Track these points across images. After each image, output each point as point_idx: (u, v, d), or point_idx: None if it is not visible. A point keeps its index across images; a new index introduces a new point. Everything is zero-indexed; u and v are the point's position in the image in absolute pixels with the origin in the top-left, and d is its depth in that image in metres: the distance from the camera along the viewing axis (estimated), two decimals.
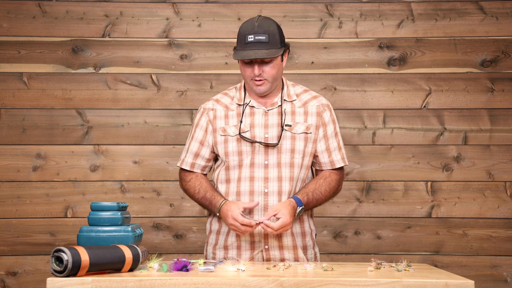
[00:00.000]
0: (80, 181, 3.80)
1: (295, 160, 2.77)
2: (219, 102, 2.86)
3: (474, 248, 3.78)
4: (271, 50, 2.67)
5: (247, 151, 2.77)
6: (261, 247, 2.76)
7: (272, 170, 2.75)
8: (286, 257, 2.76)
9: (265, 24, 2.71)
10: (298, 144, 2.77)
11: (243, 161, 2.77)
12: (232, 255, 2.77)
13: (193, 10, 3.86)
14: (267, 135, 2.77)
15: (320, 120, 2.82)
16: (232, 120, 2.81)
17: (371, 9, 3.85)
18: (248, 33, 2.70)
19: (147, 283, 2.14)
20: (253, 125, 2.78)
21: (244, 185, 2.76)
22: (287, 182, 2.76)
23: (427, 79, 3.83)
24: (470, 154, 3.80)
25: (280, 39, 2.72)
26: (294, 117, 2.80)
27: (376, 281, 2.16)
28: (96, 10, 3.84)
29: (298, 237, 2.80)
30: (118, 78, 3.83)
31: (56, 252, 2.16)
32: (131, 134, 3.82)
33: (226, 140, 2.79)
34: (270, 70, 2.71)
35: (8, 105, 3.81)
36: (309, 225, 2.85)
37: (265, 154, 2.76)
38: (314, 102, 2.84)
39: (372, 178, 3.81)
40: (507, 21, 3.82)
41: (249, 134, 2.77)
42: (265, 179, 2.75)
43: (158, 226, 3.80)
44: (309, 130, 2.79)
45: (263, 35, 2.68)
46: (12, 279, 3.76)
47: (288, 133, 2.77)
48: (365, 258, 3.71)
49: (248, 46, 2.68)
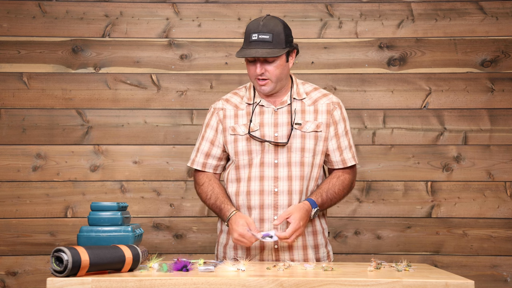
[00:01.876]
0: (80, 181, 3.80)
1: (305, 159, 2.76)
2: (228, 102, 2.86)
3: (474, 248, 3.78)
4: (273, 50, 2.66)
5: (257, 150, 2.76)
6: (271, 248, 2.75)
7: (282, 169, 2.75)
8: (295, 257, 2.75)
9: (271, 23, 2.70)
10: (308, 142, 2.77)
11: (253, 160, 2.76)
12: (242, 255, 2.76)
13: (193, 10, 3.86)
14: (276, 134, 2.76)
15: (330, 118, 2.81)
16: (241, 119, 2.81)
17: (371, 9, 3.85)
18: (253, 31, 2.69)
19: (147, 283, 2.14)
20: (263, 124, 2.77)
21: (254, 185, 2.75)
22: (297, 181, 2.75)
23: (427, 79, 3.83)
24: (470, 154, 3.80)
25: (285, 39, 2.70)
26: (304, 116, 2.79)
27: (376, 281, 2.16)
28: (96, 10, 3.84)
29: (309, 235, 2.79)
30: (118, 78, 3.83)
31: (56, 252, 2.16)
32: (131, 134, 3.82)
33: (236, 140, 2.79)
34: (273, 69, 2.70)
35: (8, 105, 3.81)
36: (320, 223, 2.84)
37: (275, 153, 2.76)
38: (324, 100, 2.83)
39: (372, 178, 3.81)
40: (507, 21, 3.83)
41: (258, 133, 2.76)
42: (275, 178, 2.75)
43: (158, 226, 3.80)
44: (319, 128, 2.79)
45: (267, 34, 2.67)
46: (12, 279, 3.76)
47: (298, 132, 2.76)
48: (365, 258, 3.71)
49: (252, 45, 2.68)
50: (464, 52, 3.83)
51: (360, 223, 3.80)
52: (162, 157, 3.81)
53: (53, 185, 3.79)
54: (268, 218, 2.75)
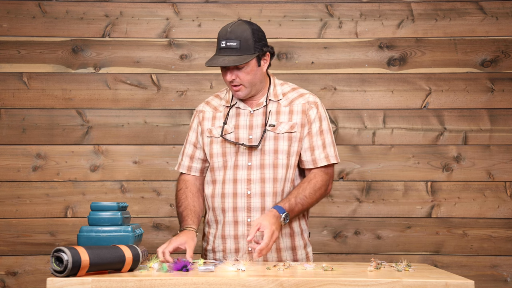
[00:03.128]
0: (80, 181, 3.80)
1: (278, 160, 2.74)
2: (208, 104, 2.88)
3: (474, 248, 3.78)
4: (240, 57, 2.65)
5: (231, 153, 2.76)
6: (245, 250, 2.74)
7: (255, 172, 2.74)
8: (269, 259, 2.75)
9: (239, 29, 2.68)
10: (281, 144, 2.75)
11: (227, 163, 2.76)
12: (219, 257, 2.78)
13: (193, 10, 3.86)
14: (251, 136, 2.75)
15: (305, 118, 2.78)
16: (218, 121, 2.81)
17: (371, 9, 3.85)
18: (221, 38, 2.69)
19: (147, 283, 2.14)
20: (238, 126, 2.77)
21: (228, 187, 2.76)
22: (270, 183, 2.74)
23: (427, 79, 3.83)
24: (470, 154, 3.80)
25: (254, 45, 2.68)
26: (278, 117, 2.77)
27: (376, 281, 2.16)
28: (96, 10, 3.84)
29: (286, 237, 2.77)
30: (118, 78, 3.83)
31: (56, 252, 2.16)
32: (131, 134, 3.82)
33: (212, 142, 2.80)
34: (244, 76, 2.69)
35: (8, 105, 3.81)
36: (299, 224, 2.81)
37: (249, 155, 2.75)
38: (300, 100, 2.80)
39: (372, 178, 3.81)
40: (507, 21, 3.83)
41: (233, 135, 2.76)
42: (248, 181, 2.74)
43: (158, 226, 3.80)
44: (293, 129, 2.76)
45: (234, 41, 2.66)
46: (12, 279, 3.76)
47: (271, 134, 2.75)
48: (365, 258, 3.71)
49: (221, 52, 2.68)
50: (464, 52, 3.83)
51: (360, 223, 3.80)
52: (162, 157, 3.81)
53: (53, 185, 3.79)
54: (242, 220, 2.74)
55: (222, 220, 2.78)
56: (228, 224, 2.76)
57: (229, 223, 2.76)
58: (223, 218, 2.78)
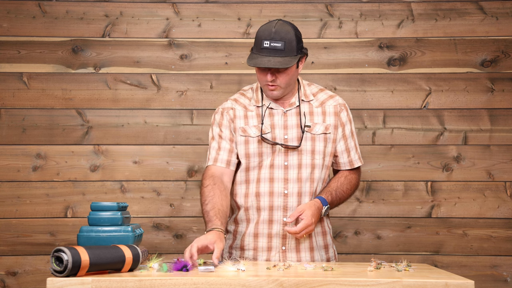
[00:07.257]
0: (80, 181, 3.80)
1: (315, 161, 2.77)
2: (237, 102, 2.84)
3: (474, 248, 3.78)
4: (285, 59, 2.63)
5: (268, 153, 2.76)
6: (278, 249, 2.75)
7: (292, 171, 2.75)
8: (302, 259, 2.76)
9: (283, 30, 2.66)
10: (318, 145, 2.77)
11: (263, 162, 2.76)
12: (248, 256, 2.76)
13: (193, 10, 3.86)
14: (286, 136, 2.76)
15: (338, 120, 2.82)
16: (252, 120, 2.79)
17: (371, 9, 3.85)
18: (264, 38, 2.65)
19: (147, 283, 2.14)
20: (274, 126, 2.77)
21: (264, 186, 2.75)
22: (307, 183, 2.76)
23: (427, 79, 3.83)
24: (470, 154, 3.80)
25: (296, 47, 2.68)
26: (312, 118, 2.79)
27: (376, 281, 2.16)
28: (96, 10, 3.84)
29: (318, 236, 2.80)
30: (118, 78, 3.83)
31: (56, 252, 2.16)
32: (131, 134, 3.82)
33: (247, 141, 2.78)
34: (284, 77, 2.68)
35: (8, 105, 3.81)
36: (327, 224, 2.86)
37: (285, 155, 2.76)
38: (331, 101, 2.83)
39: (372, 178, 3.81)
40: (507, 21, 3.83)
41: (270, 135, 2.76)
42: (284, 180, 2.75)
43: (158, 226, 3.80)
44: (328, 130, 2.79)
45: (279, 42, 2.64)
46: (12, 279, 3.76)
47: (308, 134, 2.76)
48: (365, 258, 3.71)
49: (264, 52, 2.64)
50: (464, 52, 3.83)
51: (360, 223, 3.80)
52: (162, 157, 3.81)
53: (53, 185, 3.79)
54: (277, 219, 2.75)
55: (255, 219, 2.77)
56: (263, 222, 2.76)
57: (263, 221, 2.76)
58: (257, 216, 2.77)
